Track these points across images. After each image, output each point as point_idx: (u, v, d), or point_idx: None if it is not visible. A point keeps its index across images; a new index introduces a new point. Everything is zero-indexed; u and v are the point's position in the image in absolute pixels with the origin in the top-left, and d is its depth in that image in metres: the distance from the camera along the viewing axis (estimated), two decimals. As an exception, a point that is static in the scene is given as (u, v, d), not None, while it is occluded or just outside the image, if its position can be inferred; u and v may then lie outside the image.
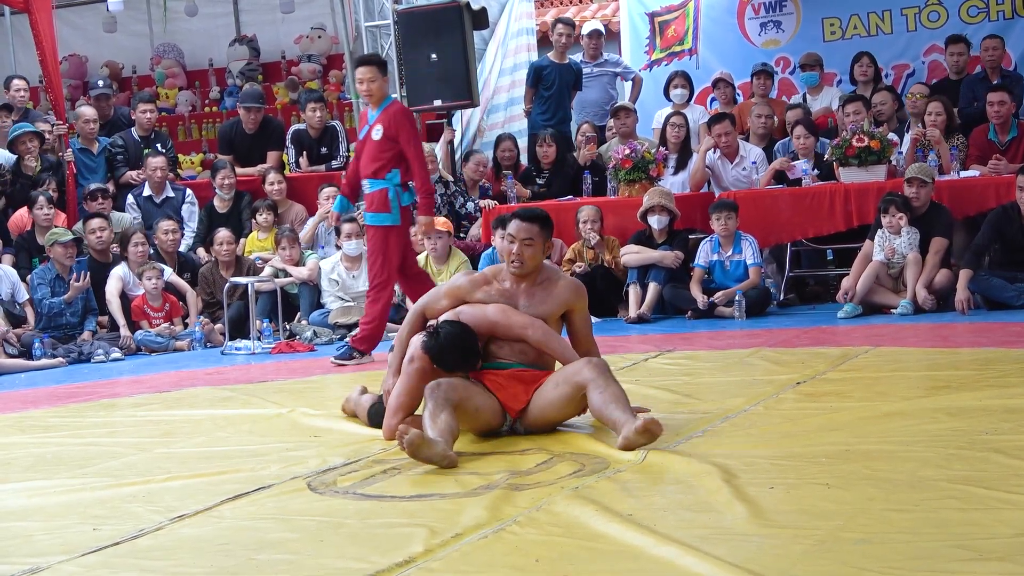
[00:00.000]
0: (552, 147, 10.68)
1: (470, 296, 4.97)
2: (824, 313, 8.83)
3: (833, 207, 9.23)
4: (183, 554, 3.50)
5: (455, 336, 4.78)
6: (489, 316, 4.89)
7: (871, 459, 4.06)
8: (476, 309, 4.93)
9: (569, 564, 3.16)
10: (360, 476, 4.34)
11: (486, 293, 4.96)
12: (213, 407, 6.42)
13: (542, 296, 4.96)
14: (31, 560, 3.49)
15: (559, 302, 4.99)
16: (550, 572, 3.11)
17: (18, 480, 4.76)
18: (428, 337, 4.80)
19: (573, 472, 4.14)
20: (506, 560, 3.23)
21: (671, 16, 12.72)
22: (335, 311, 9.66)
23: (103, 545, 3.62)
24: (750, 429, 4.73)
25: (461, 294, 5.00)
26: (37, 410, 6.85)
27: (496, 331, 4.90)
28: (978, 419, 4.57)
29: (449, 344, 4.76)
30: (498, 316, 4.89)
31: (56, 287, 9.51)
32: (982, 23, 11.31)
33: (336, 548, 3.45)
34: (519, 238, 4.90)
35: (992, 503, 3.42)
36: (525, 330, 4.86)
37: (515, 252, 4.91)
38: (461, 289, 5.02)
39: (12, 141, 10.75)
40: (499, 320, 4.88)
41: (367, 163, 7.75)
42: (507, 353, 4.91)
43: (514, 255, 4.92)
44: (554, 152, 10.68)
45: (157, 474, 4.65)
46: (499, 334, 4.90)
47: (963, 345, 6.82)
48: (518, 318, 4.88)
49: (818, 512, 3.46)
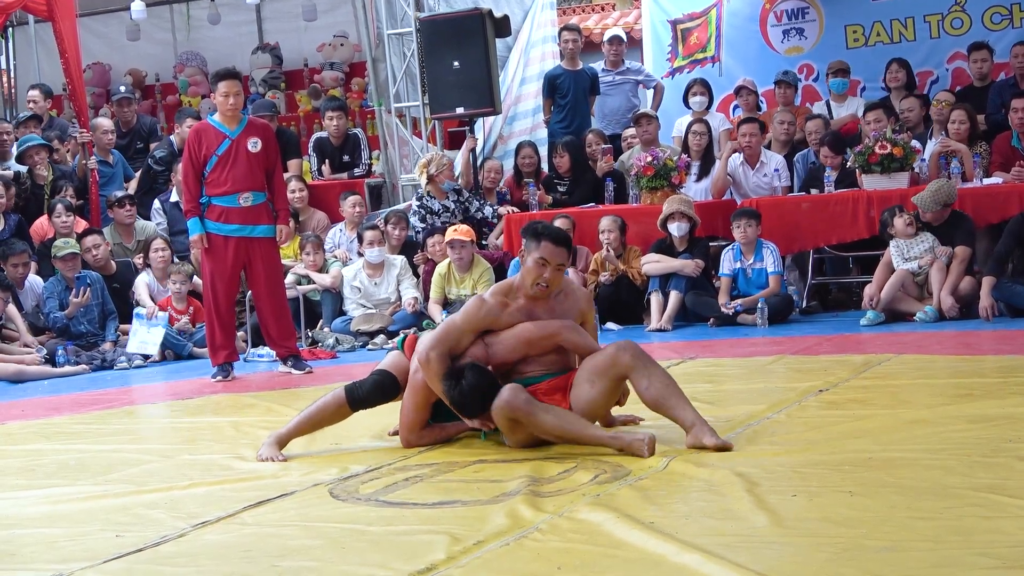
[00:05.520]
0: (565, 156, 10.69)
1: (496, 324, 4.85)
2: (847, 320, 8.81)
3: (856, 214, 9.21)
4: (206, 561, 3.51)
5: (477, 387, 4.70)
6: (523, 336, 4.83)
7: (894, 467, 4.05)
8: (508, 336, 4.84)
9: (591, 571, 3.15)
10: (382, 483, 4.35)
11: (510, 315, 4.86)
12: (235, 414, 6.43)
13: (561, 310, 4.92)
14: (54, 566, 3.50)
15: (576, 311, 4.99)
16: (572, 579, 3.11)
17: (42, 487, 4.78)
18: (450, 388, 4.72)
19: (594, 479, 4.14)
20: (528, 568, 3.23)
21: (693, 24, 12.71)
22: (357, 318, 9.68)
23: (126, 552, 3.62)
24: (772, 436, 4.73)
25: (485, 325, 4.86)
26: (61, 417, 6.88)
27: (531, 349, 4.84)
28: (1002, 427, 4.55)
29: (471, 394, 4.70)
30: (531, 333, 4.83)
31: (64, 299, 9.57)
32: (1006, 30, 11.27)
33: (358, 555, 3.44)
34: (554, 263, 4.80)
35: (1016, 511, 3.40)
36: (560, 335, 4.82)
37: (547, 277, 4.81)
38: (485, 320, 4.86)
39: (21, 153, 10.85)
40: (533, 336, 4.82)
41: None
42: (535, 368, 4.86)
43: (545, 280, 4.81)
44: (568, 161, 10.68)
45: (180, 481, 4.67)
46: (533, 351, 4.84)
47: (987, 352, 6.81)
48: (550, 326, 4.83)
49: (841, 520, 3.45)
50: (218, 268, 7.99)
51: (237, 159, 7.89)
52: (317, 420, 5.08)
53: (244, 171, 7.90)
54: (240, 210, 7.93)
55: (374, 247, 9.74)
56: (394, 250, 10.04)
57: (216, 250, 7.96)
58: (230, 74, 8.10)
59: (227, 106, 7.93)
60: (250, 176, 7.92)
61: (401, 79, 11.85)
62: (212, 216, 7.92)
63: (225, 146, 7.90)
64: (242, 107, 8.09)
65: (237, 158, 7.89)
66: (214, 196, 7.91)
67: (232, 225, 7.94)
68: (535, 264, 4.81)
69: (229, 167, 7.88)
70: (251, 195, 7.93)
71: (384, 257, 9.81)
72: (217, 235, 7.93)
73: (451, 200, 10.33)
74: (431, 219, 10.28)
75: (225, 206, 7.91)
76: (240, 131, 7.94)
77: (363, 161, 11.84)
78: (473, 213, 10.33)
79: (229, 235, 7.94)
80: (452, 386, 4.71)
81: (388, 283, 9.80)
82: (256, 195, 7.96)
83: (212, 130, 7.97)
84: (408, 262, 9.93)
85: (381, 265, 9.78)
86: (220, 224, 7.93)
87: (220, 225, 7.93)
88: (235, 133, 7.93)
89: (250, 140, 7.94)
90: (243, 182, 7.90)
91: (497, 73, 11.08)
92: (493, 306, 4.85)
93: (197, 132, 8.04)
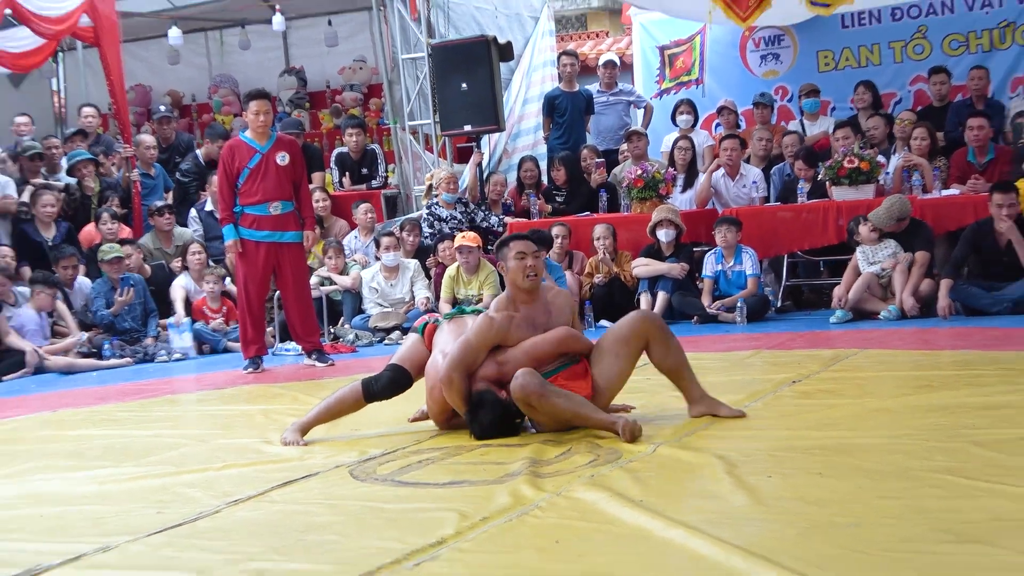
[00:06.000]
0: (562, 170, 10.69)
1: (508, 340, 4.78)
2: (818, 318, 8.81)
3: (826, 223, 9.23)
4: (238, 535, 3.52)
5: (492, 423, 4.69)
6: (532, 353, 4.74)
7: (860, 451, 4.05)
8: (518, 353, 4.75)
9: (586, 545, 3.16)
10: (397, 465, 4.35)
11: (517, 326, 4.81)
12: (265, 403, 6.45)
13: (557, 311, 4.91)
14: (102, 540, 3.51)
15: (569, 308, 5.01)
16: (568, 552, 3.10)
17: (90, 468, 4.80)
18: (470, 421, 4.72)
19: (589, 462, 4.14)
20: (529, 542, 3.23)
21: (679, 49, 12.71)
22: (375, 316, 9.70)
23: (166, 526, 3.63)
24: (750, 424, 4.72)
25: (497, 340, 4.79)
26: (107, 405, 6.91)
27: (540, 362, 4.75)
28: (958, 415, 4.55)
29: (489, 428, 4.70)
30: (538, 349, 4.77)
31: (110, 298, 9.59)
32: (963, 55, 11.26)
33: (376, 530, 3.45)
34: (530, 251, 4.81)
35: (971, 491, 3.41)
36: (563, 345, 4.79)
37: (531, 265, 4.80)
38: (497, 337, 4.79)
39: (70, 167, 10.88)
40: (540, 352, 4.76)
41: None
42: (547, 367, 4.77)
43: (530, 268, 4.80)
44: (564, 174, 10.67)
45: (214, 463, 4.68)
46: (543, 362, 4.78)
47: (944, 348, 6.80)
48: (552, 340, 4.78)
49: (812, 499, 3.45)
50: (250, 270, 8.00)
51: (267, 172, 7.91)
52: (336, 410, 5.08)
53: (274, 183, 7.91)
54: (270, 218, 7.94)
55: (390, 252, 9.76)
56: (408, 254, 10.05)
57: (248, 254, 7.97)
58: (260, 94, 8.12)
59: (258, 124, 7.95)
60: (279, 187, 7.93)
61: (414, 99, 11.86)
62: (245, 223, 7.94)
63: (256, 160, 7.91)
64: (271, 125, 8.11)
65: (267, 171, 7.91)
66: (246, 205, 7.93)
67: (263, 231, 7.95)
68: (516, 260, 4.81)
69: (260, 179, 7.90)
70: (280, 204, 7.95)
71: (399, 261, 9.83)
72: (249, 240, 7.95)
73: (457, 211, 10.35)
74: (439, 225, 10.31)
75: (257, 214, 7.93)
76: (270, 146, 7.96)
77: (380, 174, 11.84)
78: (479, 223, 10.34)
79: (260, 240, 7.96)
80: (471, 419, 4.72)
81: (403, 284, 9.81)
82: (284, 204, 7.98)
83: (244, 146, 7.98)
84: (421, 265, 9.94)
85: (396, 268, 9.78)
86: (252, 231, 7.95)
87: (252, 231, 7.95)
88: (265, 148, 7.95)
89: (279, 154, 7.95)
90: (273, 192, 7.92)
91: (501, 94, 11.09)
92: (501, 322, 4.79)
93: (231, 147, 8.06)
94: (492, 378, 4.76)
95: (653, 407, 5.03)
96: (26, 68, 12.03)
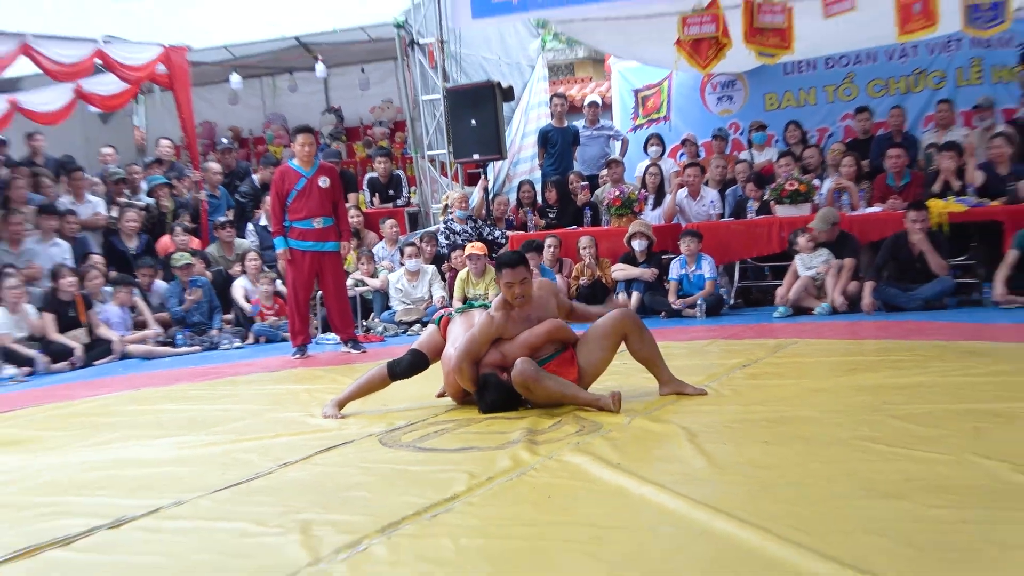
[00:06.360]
0: (553, 191, 10.69)
1: (506, 333, 4.77)
2: (764, 314, 8.79)
3: (771, 235, 9.22)
4: (288, 492, 3.52)
5: (497, 401, 4.68)
6: (528, 343, 4.74)
7: (799, 423, 4.05)
8: (518, 344, 4.74)
9: (573, 500, 3.17)
10: (418, 434, 4.36)
11: (513, 322, 4.80)
12: (310, 383, 6.45)
13: (542, 303, 4.89)
14: (176, 495, 3.53)
15: (550, 292, 4.98)
16: (559, 506, 3.11)
17: (167, 437, 4.81)
18: (479, 400, 4.72)
19: (575, 431, 4.14)
20: (526, 497, 3.24)
21: (650, 92, 12.71)
22: (399, 311, 9.69)
23: (229, 484, 3.64)
24: (708, 400, 4.73)
25: (498, 334, 4.77)
26: (180, 385, 6.91)
27: (535, 351, 4.75)
28: (879, 393, 4.56)
29: (494, 406, 4.68)
30: (534, 339, 4.75)
31: (181, 297, 9.59)
32: (883, 97, 11.28)
33: (401, 488, 3.45)
34: (516, 280, 4.74)
35: (889, 456, 3.41)
36: (553, 335, 4.76)
37: (518, 292, 4.75)
38: (497, 332, 4.77)
39: (149, 190, 10.91)
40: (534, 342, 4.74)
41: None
42: (540, 354, 4.77)
43: (518, 294, 4.76)
44: (555, 195, 10.67)
45: (268, 433, 4.69)
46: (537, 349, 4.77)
47: (868, 338, 6.79)
48: (544, 331, 4.76)
49: (759, 463, 3.46)
50: (297, 274, 7.99)
51: (311, 193, 7.89)
52: (366, 388, 5.08)
53: (316, 202, 7.90)
54: (314, 231, 7.93)
55: (412, 259, 9.76)
56: (427, 261, 10.03)
57: (296, 261, 7.96)
58: (306, 129, 8.11)
59: (303, 153, 7.93)
60: (321, 205, 7.92)
61: (432, 133, 11.85)
62: (293, 235, 7.93)
63: (302, 183, 7.90)
64: (315, 154, 8.09)
65: (311, 192, 7.89)
66: (294, 220, 7.91)
67: (308, 242, 7.94)
68: (506, 288, 4.79)
69: (305, 199, 7.88)
70: (322, 219, 7.93)
71: (420, 266, 9.81)
72: (297, 249, 7.94)
73: (468, 225, 10.36)
74: (452, 237, 10.31)
75: (302, 228, 7.91)
76: (313, 172, 7.94)
77: (403, 195, 11.85)
78: (486, 235, 10.33)
79: (306, 250, 7.95)
80: (479, 398, 4.73)
81: (422, 286, 9.80)
82: (326, 219, 7.96)
83: (292, 171, 7.97)
84: (437, 270, 9.93)
85: (417, 272, 9.77)
86: (299, 241, 7.93)
87: (299, 242, 7.93)
88: (309, 173, 7.93)
89: (321, 179, 7.94)
90: (316, 210, 7.90)
91: (504, 129, 11.07)
92: (500, 319, 4.79)
93: (281, 173, 8.04)
94: (495, 364, 4.77)
95: (628, 387, 5.02)
96: (113, 107, 12.04)
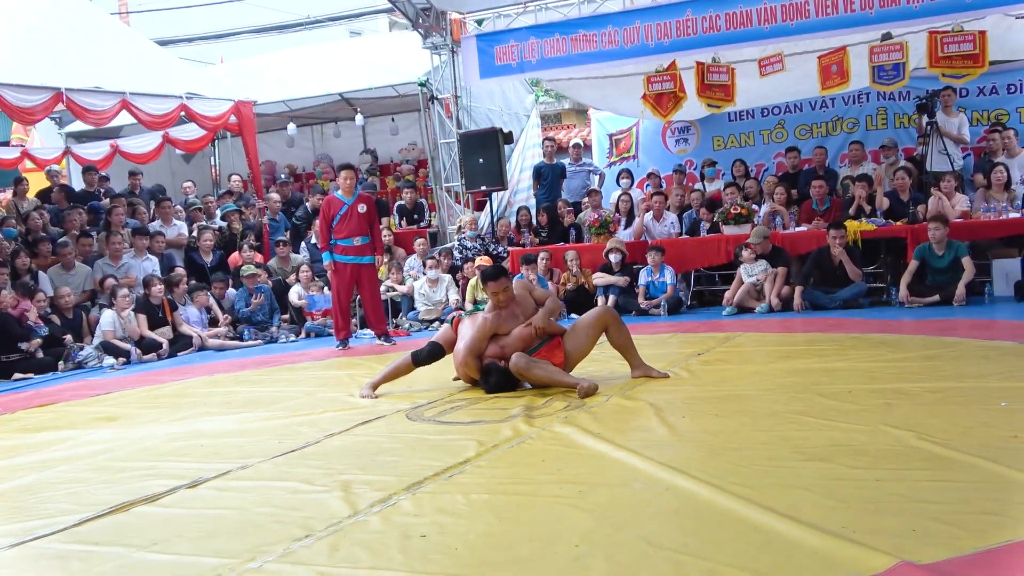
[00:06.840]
0: (544, 215, 10.66)
1: (501, 328, 4.78)
2: (714, 312, 8.78)
3: (719, 249, 9.19)
4: (333, 457, 3.53)
5: (499, 384, 4.66)
6: (522, 336, 4.73)
7: (743, 399, 4.06)
8: (513, 337, 4.72)
9: (562, 462, 3.17)
10: (438, 410, 4.37)
11: (504, 320, 4.81)
12: (351, 369, 6.45)
13: (523, 300, 4.88)
14: (242, 461, 3.54)
15: (527, 292, 4.95)
16: (550, 467, 3.12)
17: (235, 413, 4.82)
18: (485, 383, 4.70)
19: (564, 407, 4.15)
20: (525, 460, 3.24)
21: (622, 135, 12.68)
22: (422, 312, 9.67)
23: (285, 451, 3.66)
24: (670, 382, 4.73)
25: (493, 331, 4.78)
26: (246, 371, 6.91)
27: (527, 343, 4.72)
28: (807, 376, 4.57)
29: (497, 388, 4.67)
30: (526, 333, 4.72)
31: (247, 301, 9.56)
32: (808, 139, 11.26)
33: (423, 453, 3.46)
34: (497, 291, 4.75)
35: (816, 426, 3.42)
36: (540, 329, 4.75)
37: (500, 299, 4.77)
38: (491, 329, 4.78)
39: (223, 215, 10.93)
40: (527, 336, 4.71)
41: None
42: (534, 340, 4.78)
43: (499, 301, 4.77)
44: (546, 218, 10.64)
45: (317, 409, 4.69)
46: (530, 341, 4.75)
47: (798, 331, 6.79)
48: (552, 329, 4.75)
49: (711, 431, 3.46)
50: (340, 282, 7.98)
51: (352, 217, 7.88)
52: (394, 373, 5.07)
53: (356, 224, 7.88)
54: (354, 247, 7.91)
55: (432, 269, 9.75)
56: (444, 271, 10.02)
57: (339, 271, 7.95)
58: (348, 166, 8.09)
59: (346, 185, 7.92)
60: (360, 227, 7.90)
61: (448, 169, 11.84)
62: (337, 251, 7.91)
63: (344, 210, 7.89)
64: (355, 186, 8.07)
65: (352, 216, 7.88)
66: (338, 239, 7.90)
67: (349, 256, 7.93)
68: (492, 295, 4.81)
69: (347, 222, 7.87)
70: (360, 238, 7.91)
71: (439, 275, 9.80)
72: (340, 262, 7.93)
73: (477, 242, 10.35)
74: (464, 252, 10.29)
75: (345, 245, 7.90)
76: (353, 200, 7.93)
77: (426, 218, 11.83)
78: (491, 251, 10.32)
79: (347, 262, 7.93)
80: (484, 381, 4.72)
81: (441, 291, 9.78)
82: (363, 238, 7.93)
83: (336, 200, 7.96)
84: (452, 278, 9.92)
85: (437, 280, 9.75)
86: (342, 256, 7.92)
87: (342, 256, 7.92)
88: (350, 201, 7.92)
89: (360, 206, 7.92)
90: (356, 231, 7.88)
91: (505, 165, 11.06)
92: (492, 319, 4.81)
93: (328, 201, 8.03)
94: (496, 355, 4.80)
95: (606, 371, 5.02)
96: (193, 150, 12.05)
